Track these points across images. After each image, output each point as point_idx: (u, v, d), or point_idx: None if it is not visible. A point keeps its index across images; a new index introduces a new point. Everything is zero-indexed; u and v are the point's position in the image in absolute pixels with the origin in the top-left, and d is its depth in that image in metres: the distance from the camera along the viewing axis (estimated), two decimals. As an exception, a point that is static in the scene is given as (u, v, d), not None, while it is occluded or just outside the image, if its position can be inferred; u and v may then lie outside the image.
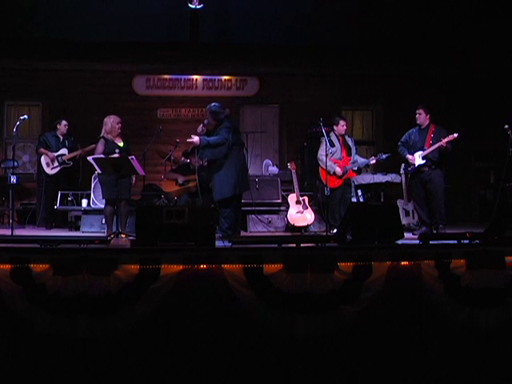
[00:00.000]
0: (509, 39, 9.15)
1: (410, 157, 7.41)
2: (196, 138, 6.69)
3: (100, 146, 6.83)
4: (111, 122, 6.90)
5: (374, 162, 7.79)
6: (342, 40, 10.08)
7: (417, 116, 7.48)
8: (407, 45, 10.14)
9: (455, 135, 7.12)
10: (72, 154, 8.69)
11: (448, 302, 5.23)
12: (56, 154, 8.64)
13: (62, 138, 8.83)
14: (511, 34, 9.02)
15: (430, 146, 7.28)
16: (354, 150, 7.80)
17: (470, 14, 8.87)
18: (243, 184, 6.93)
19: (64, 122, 8.85)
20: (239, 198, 7.04)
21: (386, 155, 7.68)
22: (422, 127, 7.48)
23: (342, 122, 7.73)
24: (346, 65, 10.67)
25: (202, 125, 6.91)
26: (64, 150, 8.70)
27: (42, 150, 8.71)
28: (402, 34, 9.72)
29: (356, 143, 8.14)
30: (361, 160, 7.81)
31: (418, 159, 7.34)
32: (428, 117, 7.47)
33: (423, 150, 7.33)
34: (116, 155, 6.69)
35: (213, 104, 6.95)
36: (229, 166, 6.75)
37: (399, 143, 7.64)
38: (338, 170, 7.51)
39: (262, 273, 4.98)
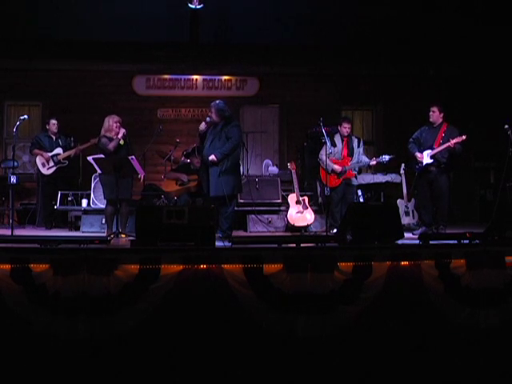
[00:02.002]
0: (509, 39, 9.15)
1: (418, 154, 7.33)
2: (213, 157, 6.66)
3: (108, 142, 6.81)
4: (109, 121, 6.90)
5: (373, 163, 7.76)
6: (341, 40, 10.07)
7: (430, 114, 7.40)
8: (407, 45, 10.14)
9: (463, 137, 7.06)
10: (67, 153, 8.62)
11: (448, 302, 5.23)
12: (51, 154, 8.58)
13: (54, 137, 8.76)
14: (511, 34, 9.02)
15: (440, 145, 7.23)
16: (359, 151, 7.72)
17: (469, 13, 8.87)
18: (240, 185, 7.01)
19: (53, 121, 8.72)
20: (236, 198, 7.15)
21: (389, 157, 7.58)
22: (435, 125, 7.39)
23: (344, 124, 7.72)
24: (345, 65, 10.67)
25: (204, 122, 6.93)
26: (59, 150, 8.63)
27: (37, 151, 8.60)
28: (401, 34, 9.72)
29: (364, 143, 8.08)
30: (364, 160, 7.77)
31: (426, 158, 7.26)
32: (441, 115, 7.38)
33: (432, 148, 7.26)
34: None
35: (218, 101, 6.95)
36: (233, 165, 6.78)
37: (410, 139, 7.54)
38: (336, 167, 7.50)
39: (262, 273, 4.98)
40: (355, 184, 7.84)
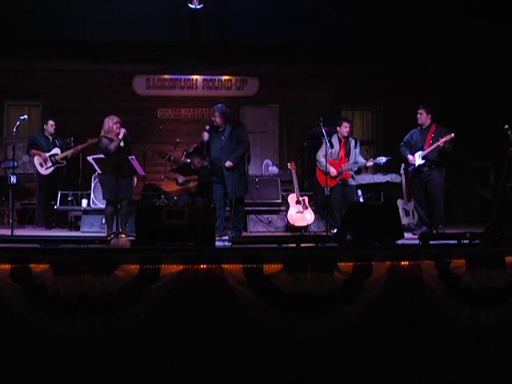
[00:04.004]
0: (509, 39, 9.15)
1: (410, 157, 7.43)
2: (230, 163, 6.78)
3: (110, 142, 6.79)
4: (109, 122, 6.88)
5: (370, 164, 7.77)
6: (341, 40, 10.07)
7: (418, 116, 7.49)
8: (407, 45, 10.14)
9: (452, 135, 7.13)
10: (65, 153, 8.61)
11: (448, 302, 5.23)
12: (49, 154, 8.55)
13: (51, 138, 8.73)
14: (511, 34, 9.02)
15: (430, 146, 7.30)
16: (356, 151, 7.71)
17: (470, 13, 8.86)
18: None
19: (51, 122, 8.72)
20: None
21: (386, 159, 7.58)
22: (424, 127, 7.49)
23: (344, 124, 7.71)
24: (345, 65, 10.67)
25: (206, 133, 6.97)
26: (57, 150, 8.61)
27: (34, 151, 8.58)
28: (401, 34, 9.72)
29: (361, 143, 8.10)
30: (361, 161, 7.78)
31: (417, 159, 7.35)
32: (429, 117, 7.47)
33: (423, 149, 7.35)
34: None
35: (221, 105, 7.06)
36: (244, 168, 7.15)
37: (401, 143, 7.65)
38: (332, 171, 7.49)
39: (262, 273, 4.98)
40: (353, 184, 7.81)
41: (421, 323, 5.21)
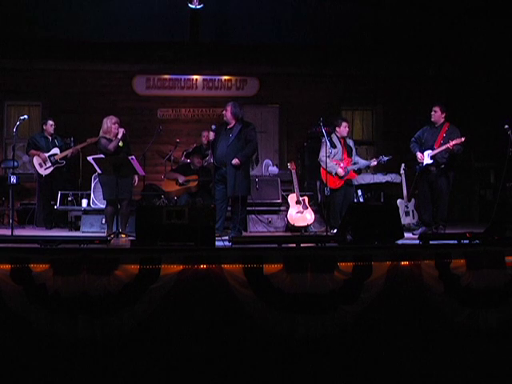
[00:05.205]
0: (509, 39, 9.15)
1: (419, 154, 7.34)
2: (237, 161, 6.72)
3: (108, 143, 6.79)
4: (107, 123, 6.88)
5: (375, 163, 7.80)
6: (341, 40, 10.08)
7: (432, 113, 7.41)
8: (407, 45, 10.15)
9: (462, 139, 7.06)
10: (64, 153, 8.60)
11: (448, 302, 5.23)
12: (48, 154, 8.55)
13: (50, 138, 8.71)
14: (511, 34, 9.02)
15: (440, 145, 7.23)
16: (354, 151, 7.79)
17: (469, 13, 8.86)
18: None
19: (50, 122, 8.71)
20: None
21: (387, 157, 7.63)
22: (436, 125, 7.41)
23: (344, 124, 7.71)
24: (345, 65, 10.68)
25: (212, 133, 6.95)
26: (56, 150, 8.60)
27: (33, 151, 8.56)
28: (401, 34, 9.73)
29: (356, 144, 8.14)
30: (362, 162, 7.80)
31: (426, 158, 7.27)
32: (443, 115, 7.38)
33: (433, 148, 7.27)
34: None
35: (233, 102, 7.03)
36: (248, 167, 7.01)
37: (412, 139, 7.57)
38: (340, 171, 7.49)
39: (262, 273, 4.98)
40: (355, 184, 7.87)
41: (421, 323, 5.21)
